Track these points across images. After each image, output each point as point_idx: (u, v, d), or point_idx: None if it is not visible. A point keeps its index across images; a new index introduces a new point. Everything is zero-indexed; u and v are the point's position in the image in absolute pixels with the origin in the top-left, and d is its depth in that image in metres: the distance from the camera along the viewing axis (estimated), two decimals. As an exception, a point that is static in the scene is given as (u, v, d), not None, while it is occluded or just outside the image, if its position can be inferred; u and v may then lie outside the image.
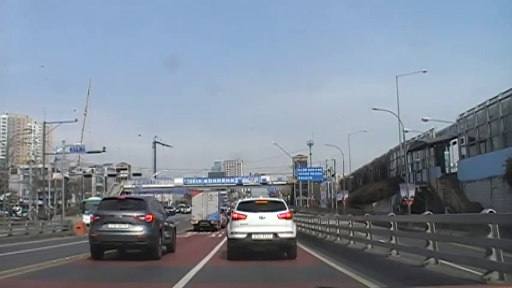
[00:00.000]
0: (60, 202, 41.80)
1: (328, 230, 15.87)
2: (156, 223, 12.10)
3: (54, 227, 28.39)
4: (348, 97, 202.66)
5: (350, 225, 12.78)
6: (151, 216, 11.81)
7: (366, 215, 11.66)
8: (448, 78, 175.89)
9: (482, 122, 31.78)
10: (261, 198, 12.98)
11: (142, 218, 11.70)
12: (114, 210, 11.83)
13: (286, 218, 11.58)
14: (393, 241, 8.78)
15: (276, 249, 12.01)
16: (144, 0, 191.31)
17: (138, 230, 11.61)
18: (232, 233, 11.61)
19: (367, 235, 10.85)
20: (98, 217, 11.90)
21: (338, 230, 14.17)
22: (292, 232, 11.55)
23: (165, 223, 13.43)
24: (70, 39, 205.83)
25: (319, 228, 17.60)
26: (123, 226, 11.62)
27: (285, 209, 11.88)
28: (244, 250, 11.64)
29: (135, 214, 11.72)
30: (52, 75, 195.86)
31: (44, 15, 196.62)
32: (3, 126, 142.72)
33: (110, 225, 11.63)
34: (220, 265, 11.24)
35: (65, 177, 35.77)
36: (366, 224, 10.92)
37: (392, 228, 8.85)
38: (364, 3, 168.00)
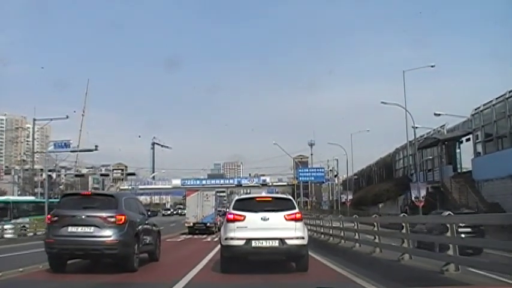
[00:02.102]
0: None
1: (342, 234, 13.33)
2: (131, 226, 9.56)
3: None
4: (349, 98, 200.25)
5: (375, 229, 10.22)
6: (123, 217, 9.28)
7: (401, 215, 9.13)
8: (450, 79, 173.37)
9: (501, 116, 29.27)
10: (264, 194, 10.32)
11: (112, 220, 9.16)
12: (77, 210, 9.26)
13: (295, 219, 8.99)
14: (451, 251, 6.24)
15: (283, 260, 9.49)
16: (143, 1, 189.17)
17: (107, 234, 9.07)
18: (226, 238, 9.00)
19: (403, 242, 8.30)
20: (55, 218, 9.35)
21: (357, 234, 11.63)
22: (303, 238, 8.97)
23: (146, 226, 10.90)
24: (70, 40, 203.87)
25: (330, 232, 15.04)
26: (87, 230, 9.07)
27: (294, 208, 9.28)
28: (242, 260, 9.13)
29: (102, 214, 9.18)
30: (52, 76, 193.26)
31: (43, 16, 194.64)
32: (1, 127, 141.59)
33: (71, 229, 9.09)
34: (210, 280, 8.76)
35: (49, 175, 33.38)
36: (402, 228, 8.35)
37: (449, 234, 6.28)
38: (364, 4, 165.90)
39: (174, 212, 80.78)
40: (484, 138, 31.58)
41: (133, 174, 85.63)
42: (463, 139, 36.11)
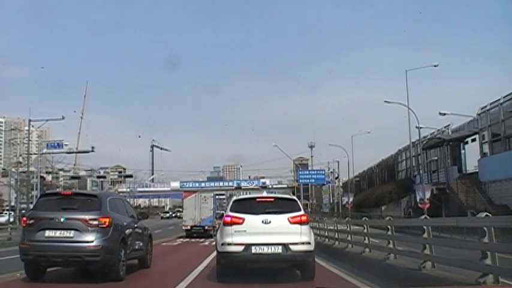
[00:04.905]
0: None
1: (349, 237, 12.33)
2: (116, 229, 8.55)
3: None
4: (349, 99, 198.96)
5: (389, 233, 9.22)
6: (107, 220, 8.27)
7: (423, 217, 8.13)
8: (453, 79, 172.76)
9: (509, 115, 28.30)
10: (265, 194, 9.31)
11: (95, 222, 8.15)
12: (55, 211, 8.24)
13: (301, 222, 7.96)
14: (488, 261, 5.25)
15: (286, 268, 8.48)
16: (143, 2, 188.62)
17: (88, 239, 8.06)
18: (223, 244, 7.98)
19: (424, 248, 7.29)
20: (31, 221, 8.33)
21: (366, 238, 10.63)
22: (309, 243, 7.95)
23: (135, 229, 9.88)
24: (69, 41, 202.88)
25: (336, 236, 14.03)
26: (66, 234, 8.06)
27: (299, 209, 8.27)
28: (241, 268, 8.12)
29: (84, 216, 8.16)
30: (52, 77, 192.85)
31: (43, 17, 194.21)
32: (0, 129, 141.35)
33: (48, 233, 8.08)
34: (205, 291, 7.75)
35: (42, 177, 32.40)
36: (423, 232, 7.35)
37: (486, 239, 5.28)
38: (364, 4, 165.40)
39: (173, 215, 79.72)
40: (491, 138, 30.63)
41: (130, 176, 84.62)
42: (468, 139, 35.17)
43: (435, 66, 38.08)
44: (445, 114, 33.45)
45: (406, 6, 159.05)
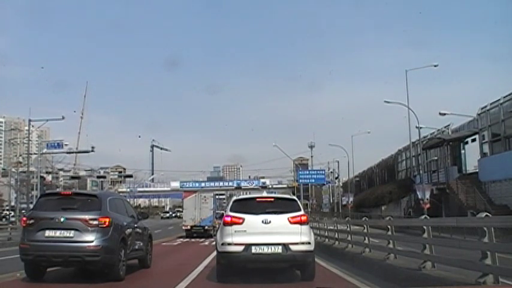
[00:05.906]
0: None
1: (349, 237, 12.32)
2: (116, 229, 8.55)
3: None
4: (349, 99, 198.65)
5: (389, 233, 9.21)
6: (107, 220, 8.27)
7: (423, 217, 8.08)
8: (453, 79, 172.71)
9: (509, 115, 28.30)
10: (265, 194, 9.31)
11: (95, 222, 8.15)
12: (55, 211, 8.24)
13: (301, 222, 7.96)
14: (488, 261, 5.24)
15: (286, 267, 8.48)
16: (143, 2, 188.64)
17: (88, 239, 8.06)
18: (223, 244, 7.97)
19: (424, 248, 7.29)
20: (31, 221, 8.33)
21: (366, 238, 10.63)
22: (309, 243, 7.95)
23: (135, 229, 9.88)
24: (70, 41, 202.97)
25: (336, 236, 14.02)
26: (66, 234, 8.06)
27: (299, 209, 8.27)
28: (241, 268, 8.12)
29: (84, 216, 8.16)
30: (52, 77, 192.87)
31: (43, 17, 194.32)
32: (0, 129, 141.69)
33: (48, 233, 8.08)
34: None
35: (42, 177, 32.42)
36: (423, 232, 7.33)
37: (486, 239, 5.27)
38: (364, 4, 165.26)
39: (173, 215, 79.78)
40: (491, 138, 30.63)
41: (130, 176, 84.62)
42: (468, 139, 35.17)
43: (435, 66, 38.09)
44: (445, 114, 33.43)
45: (406, 6, 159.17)
